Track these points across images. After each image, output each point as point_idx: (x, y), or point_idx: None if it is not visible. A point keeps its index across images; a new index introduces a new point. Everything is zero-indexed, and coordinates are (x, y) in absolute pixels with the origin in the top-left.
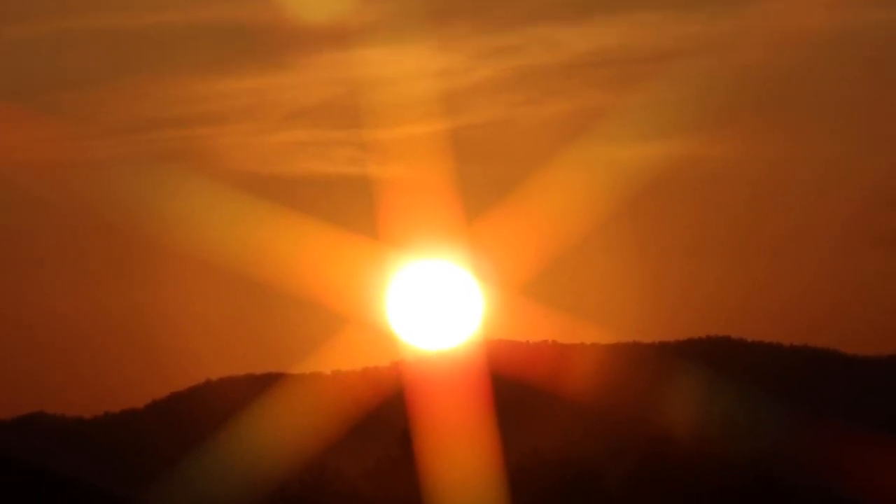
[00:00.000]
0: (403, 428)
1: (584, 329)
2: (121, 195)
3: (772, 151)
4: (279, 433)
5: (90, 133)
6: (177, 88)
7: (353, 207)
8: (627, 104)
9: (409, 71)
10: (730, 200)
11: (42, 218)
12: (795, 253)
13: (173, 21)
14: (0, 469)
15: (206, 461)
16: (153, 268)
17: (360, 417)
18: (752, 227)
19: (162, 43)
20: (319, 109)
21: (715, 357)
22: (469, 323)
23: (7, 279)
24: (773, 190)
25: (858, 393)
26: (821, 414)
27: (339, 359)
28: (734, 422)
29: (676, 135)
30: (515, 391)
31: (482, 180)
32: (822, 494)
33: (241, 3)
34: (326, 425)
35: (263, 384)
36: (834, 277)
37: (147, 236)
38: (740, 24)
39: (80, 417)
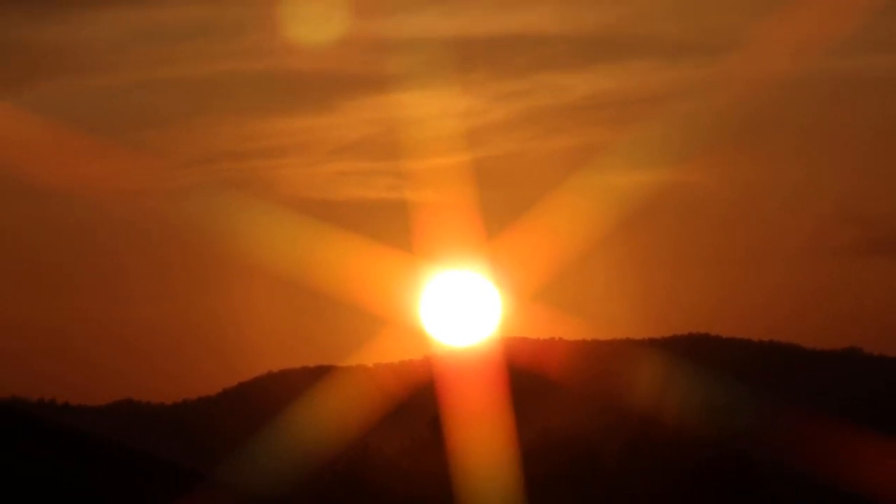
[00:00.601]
0: (433, 413)
1: (586, 328)
2: (196, 217)
3: (744, 177)
4: (329, 417)
5: (170, 165)
6: (241, 127)
7: (391, 226)
8: (622, 139)
9: (436, 111)
10: (709, 218)
11: (131, 236)
12: (764, 262)
13: (238, 70)
14: (95, 449)
15: (268, 441)
16: (224, 278)
17: (396, 404)
18: (727, 241)
19: (229, 89)
20: (361, 144)
21: (695, 351)
22: (489, 323)
23: (101, 288)
24: (745, 209)
25: (816, 382)
26: (784, 400)
27: (380, 353)
28: (711, 406)
29: (664, 164)
30: (528, 381)
31: (499, 203)
32: (786, 469)
33: (294, 55)
34: (369, 410)
35: (316, 375)
36: (797, 283)
37: (219, 251)
38: (718, 71)
39: (162, 403)
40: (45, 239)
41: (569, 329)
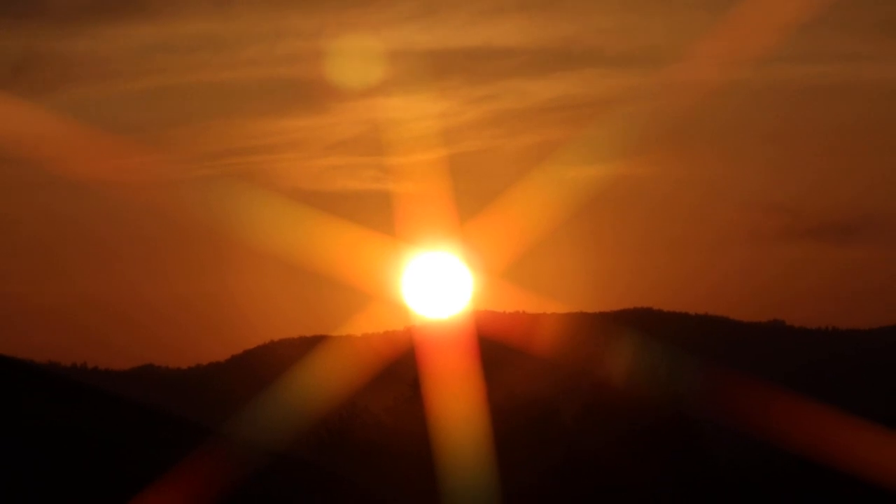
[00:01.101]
0: (414, 376)
1: (546, 302)
2: (206, 205)
3: (681, 171)
4: (323, 380)
5: (185, 159)
6: (246, 127)
7: (376, 214)
8: (577, 137)
9: (416, 114)
10: (651, 206)
11: (150, 221)
12: (697, 245)
13: (243, 77)
14: (119, 406)
15: (269, 401)
16: (231, 258)
17: (381, 368)
18: (666, 226)
19: (235, 94)
20: (350, 142)
21: (640, 322)
22: (461, 298)
23: (125, 267)
24: (681, 199)
25: (744, 349)
26: (716, 365)
27: (367, 325)
28: (654, 372)
29: (612, 160)
30: (495, 349)
31: (471, 193)
32: (719, 426)
33: (292, 64)
34: (357, 374)
35: (311, 344)
36: (726, 263)
37: (226, 235)
38: (658, 79)
39: (178, 368)
40: (75, 224)
41: (531, 303)
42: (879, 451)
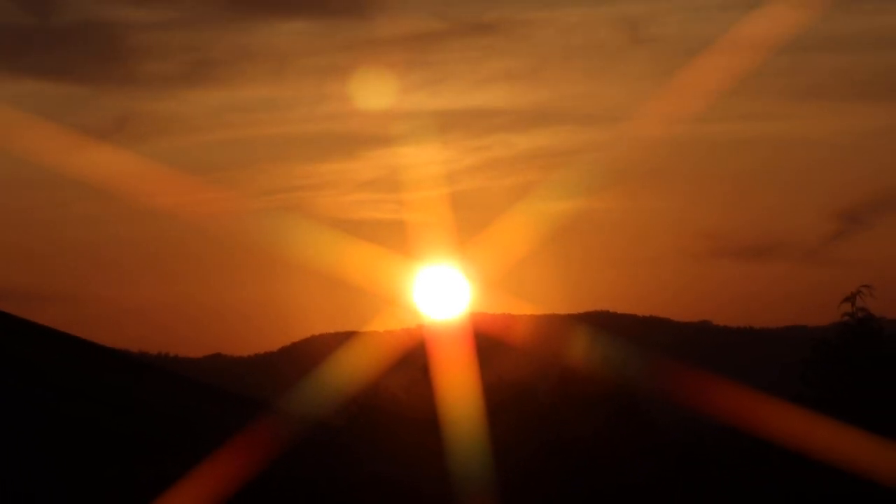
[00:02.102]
0: (424, 363)
1: (526, 306)
2: (262, 229)
3: (630, 205)
4: (354, 366)
5: (245, 195)
6: (294, 170)
7: (394, 237)
8: (551, 179)
9: (425, 160)
10: (608, 232)
11: (218, 242)
12: (646, 262)
13: (292, 131)
14: (194, 387)
15: (313, 383)
16: (280, 272)
17: (398, 357)
18: (619, 247)
19: (286, 144)
20: (374, 182)
21: (599, 322)
22: (461, 302)
23: (199, 277)
24: (631, 226)
25: (680, 343)
26: (658, 356)
27: (387, 323)
28: (609, 361)
29: (578, 197)
30: (488, 343)
31: (468, 221)
32: (662, 404)
33: (330, 121)
34: (380, 362)
35: (345, 337)
36: (667, 276)
37: (277, 253)
38: (613, 134)
39: (241, 356)
40: (161, 244)
41: (515, 307)
42: (785, 421)
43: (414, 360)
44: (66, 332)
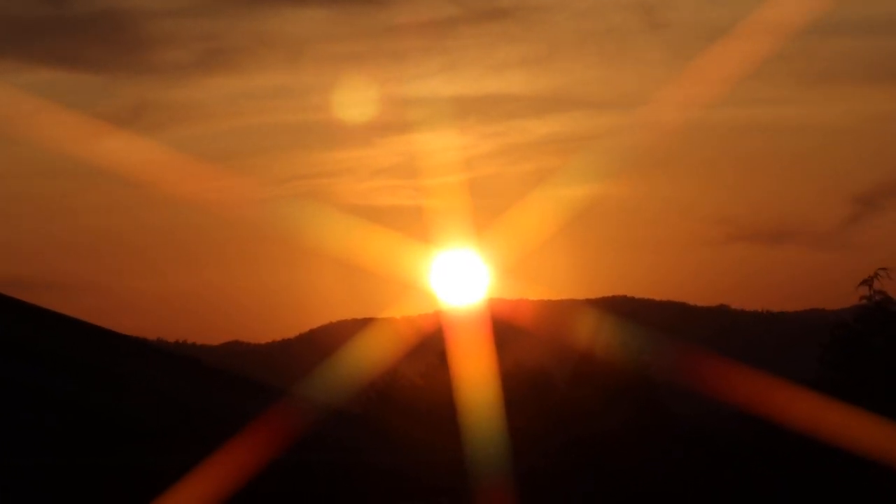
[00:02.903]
0: (441, 349)
1: (544, 291)
2: (280, 216)
3: (647, 191)
4: (371, 352)
5: (263, 182)
6: (311, 157)
7: (411, 223)
8: (567, 164)
9: (442, 146)
10: (624, 218)
11: (236, 229)
12: (662, 247)
13: (309, 119)
14: (212, 373)
15: (331, 369)
16: (299, 258)
17: (416, 342)
18: (637, 232)
19: (303, 131)
20: (392, 168)
21: (617, 307)
22: (478, 288)
23: (217, 263)
24: (647, 212)
25: (698, 327)
26: (676, 340)
27: (404, 309)
28: (627, 346)
29: (594, 182)
30: (504, 328)
31: (485, 207)
32: (679, 387)
33: (346, 108)
34: (398, 348)
35: (362, 324)
36: (684, 261)
37: (295, 239)
38: (629, 119)
39: (258, 343)
40: (179, 231)
41: (533, 292)
42: (803, 406)
43: (431, 346)
44: (83, 319)
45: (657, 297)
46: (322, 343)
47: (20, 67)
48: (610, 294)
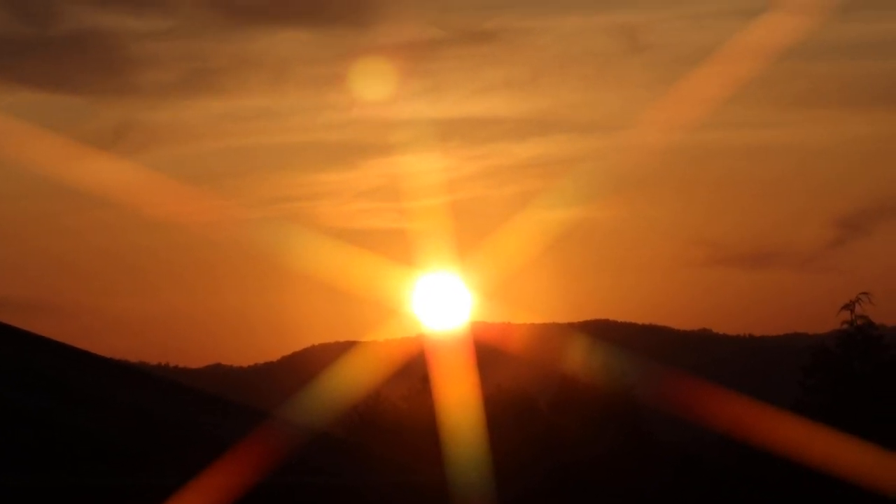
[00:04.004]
0: (424, 372)
1: (526, 315)
2: (263, 238)
3: (629, 213)
4: (354, 376)
5: (246, 204)
6: (294, 179)
7: (394, 246)
8: (551, 187)
9: (425, 168)
10: (607, 241)
11: (218, 251)
12: (644, 270)
13: (290, 140)
14: (194, 396)
15: (314, 392)
16: (280, 281)
17: (398, 366)
18: (618, 255)
19: (286, 153)
20: (375, 191)
21: (598, 330)
22: (461, 311)
23: (196, 286)
24: (629, 234)
25: (680, 351)
26: (658, 364)
27: (387, 332)
28: (609, 370)
29: (577, 205)
30: (487, 352)
31: (469, 230)
32: (661, 411)
33: (329, 131)
34: (380, 371)
35: (345, 347)
36: (665, 284)
37: (276, 263)
38: (612, 142)
39: (240, 366)
40: (161, 253)
41: (515, 316)
42: (784, 430)
43: (414, 369)
44: (64, 342)
45: (640, 321)
46: (305, 366)
47: (2, 88)
48: (593, 318)
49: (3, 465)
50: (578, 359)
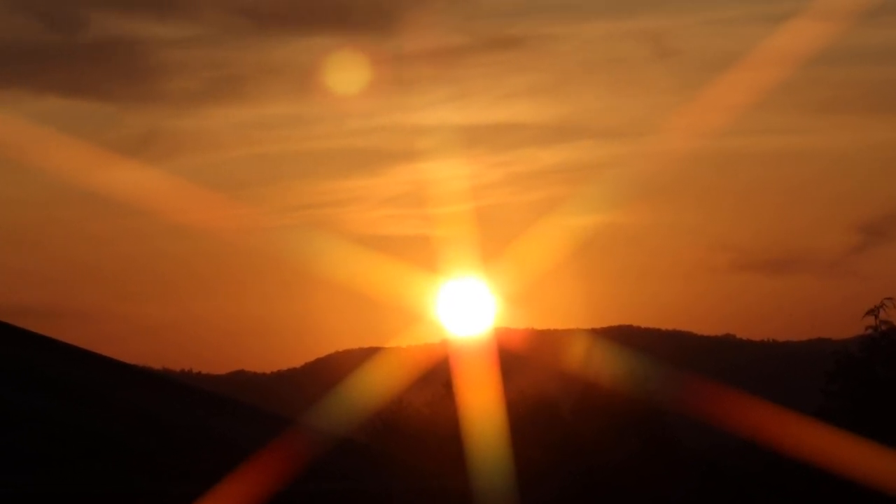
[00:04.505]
0: (447, 378)
1: (550, 320)
2: (289, 245)
3: (654, 219)
4: (378, 382)
5: (272, 211)
6: (320, 186)
7: (419, 252)
8: (575, 193)
9: (450, 175)
10: (631, 246)
11: (245, 258)
12: (668, 276)
13: (317, 147)
14: (218, 402)
15: (337, 399)
16: (306, 287)
17: (422, 372)
18: (643, 261)
19: (312, 160)
20: (399, 197)
21: (622, 336)
22: (484, 317)
23: (223, 293)
24: (654, 240)
25: (704, 358)
26: (682, 370)
27: (411, 338)
28: (633, 376)
29: (602, 211)
30: (510, 357)
31: (493, 237)
32: (684, 417)
33: (355, 138)
34: (403, 377)
35: (369, 353)
36: (690, 289)
37: (302, 270)
38: (637, 148)
39: (264, 372)
40: (186, 260)
41: (539, 321)
42: (809, 436)
43: (437, 375)
44: (90, 349)
45: (663, 327)
46: (328, 372)
47: (29, 96)
48: (616, 323)
49: (11, 468)
50: (601, 364)
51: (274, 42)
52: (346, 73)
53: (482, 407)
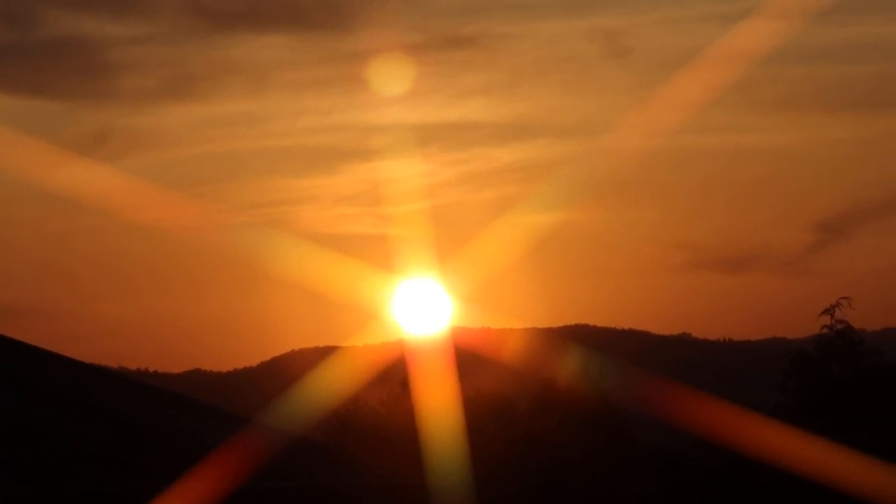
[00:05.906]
0: (403, 377)
1: (506, 320)
2: (244, 243)
3: (609, 217)
4: (334, 381)
5: (227, 209)
6: (275, 184)
7: (374, 251)
8: (530, 192)
9: (405, 174)
10: (587, 245)
11: (199, 256)
12: (624, 274)
13: (271, 146)
14: (174, 400)
15: (293, 397)
16: (259, 286)
17: (378, 371)
18: (598, 259)
19: (267, 158)
20: (355, 196)
21: (578, 335)
22: (440, 317)
23: (176, 291)
24: (609, 238)
25: (660, 357)
26: (638, 369)
27: (367, 337)
28: (589, 374)
29: (557, 209)
30: (466, 356)
31: (448, 235)
32: (640, 414)
33: (310, 136)
34: (360, 376)
35: (325, 352)
36: (643, 288)
37: (258, 266)
38: (592, 147)
39: (220, 371)
40: (142, 258)
41: (494, 321)
42: (765, 434)
43: (393, 374)
44: (45, 347)
45: (619, 326)
46: (285, 371)
47: None
48: (572, 322)
49: None
50: (558, 363)
51: (229, 40)
52: (302, 71)
53: (438, 405)
